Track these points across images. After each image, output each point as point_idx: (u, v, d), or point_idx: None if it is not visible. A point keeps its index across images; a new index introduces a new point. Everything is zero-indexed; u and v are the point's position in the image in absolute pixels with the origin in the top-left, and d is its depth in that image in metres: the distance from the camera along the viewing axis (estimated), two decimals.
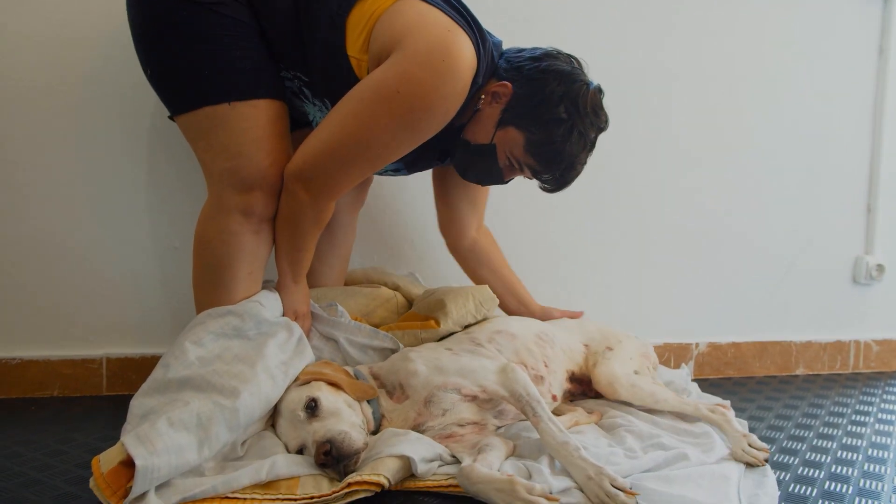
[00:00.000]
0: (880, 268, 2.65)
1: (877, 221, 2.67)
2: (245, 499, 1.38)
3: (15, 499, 1.45)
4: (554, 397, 1.86)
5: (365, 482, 1.41)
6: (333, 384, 1.60)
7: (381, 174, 1.97)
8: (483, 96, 1.74)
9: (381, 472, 1.44)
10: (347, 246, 2.19)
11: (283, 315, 1.79)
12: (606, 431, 1.78)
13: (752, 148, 2.56)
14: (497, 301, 2.03)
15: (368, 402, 1.64)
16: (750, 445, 1.66)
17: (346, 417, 1.52)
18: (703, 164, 2.52)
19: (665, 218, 2.51)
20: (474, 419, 1.66)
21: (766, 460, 1.64)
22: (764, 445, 1.69)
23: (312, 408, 1.51)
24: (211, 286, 1.74)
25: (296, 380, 1.62)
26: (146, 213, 2.17)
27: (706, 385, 2.31)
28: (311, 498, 1.39)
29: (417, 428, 1.62)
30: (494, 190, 2.15)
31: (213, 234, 1.72)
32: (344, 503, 1.40)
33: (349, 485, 1.40)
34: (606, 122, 1.78)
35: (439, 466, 1.54)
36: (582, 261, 2.46)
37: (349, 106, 1.61)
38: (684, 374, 2.24)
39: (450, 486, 1.48)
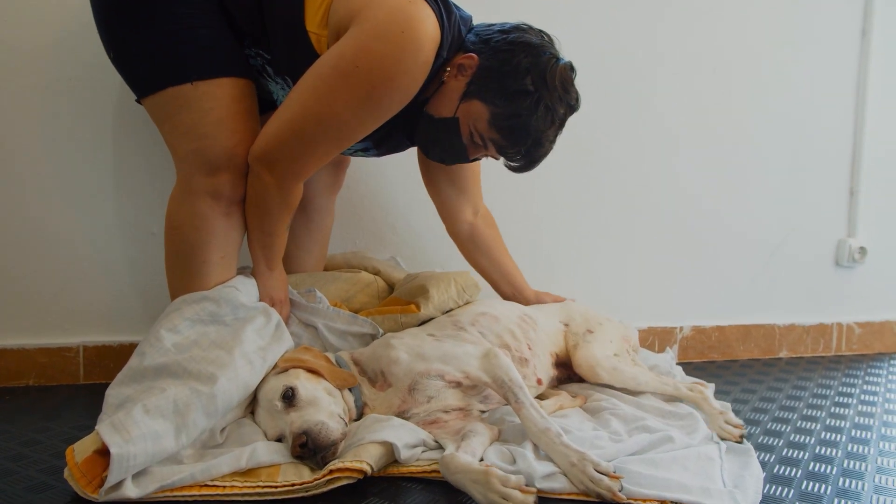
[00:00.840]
0: (863, 251, 2.66)
1: (859, 204, 2.68)
2: (224, 486, 1.35)
3: None
4: (539, 381, 1.84)
5: (347, 469, 1.39)
6: (313, 371, 1.57)
7: (350, 154, 1.92)
8: (448, 69, 1.68)
9: (364, 458, 1.41)
10: (325, 230, 2.15)
11: (260, 302, 1.76)
12: (591, 415, 1.77)
13: (737, 132, 2.55)
14: (479, 289, 2.01)
15: (350, 389, 1.61)
16: (726, 422, 1.68)
17: (324, 406, 1.49)
18: (688, 148, 2.51)
19: (650, 203, 2.50)
20: (459, 405, 1.65)
21: (742, 437, 1.64)
22: (739, 422, 1.69)
23: (290, 397, 1.48)
24: (183, 272, 1.70)
25: (274, 367, 1.59)
26: (123, 199, 2.13)
27: (690, 368, 2.31)
28: (293, 486, 1.36)
29: (402, 415, 1.60)
30: (481, 172, 2.12)
31: (183, 218, 1.67)
32: (326, 490, 1.38)
33: (330, 472, 1.38)
34: (577, 100, 1.70)
35: (423, 452, 1.52)
36: (567, 245, 2.45)
37: (308, 83, 1.56)
38: (668, 357, 2.23)
39: (433, 471, 1.46)
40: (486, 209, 2.14)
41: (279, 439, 1.49)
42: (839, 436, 1.80)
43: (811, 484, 1.51)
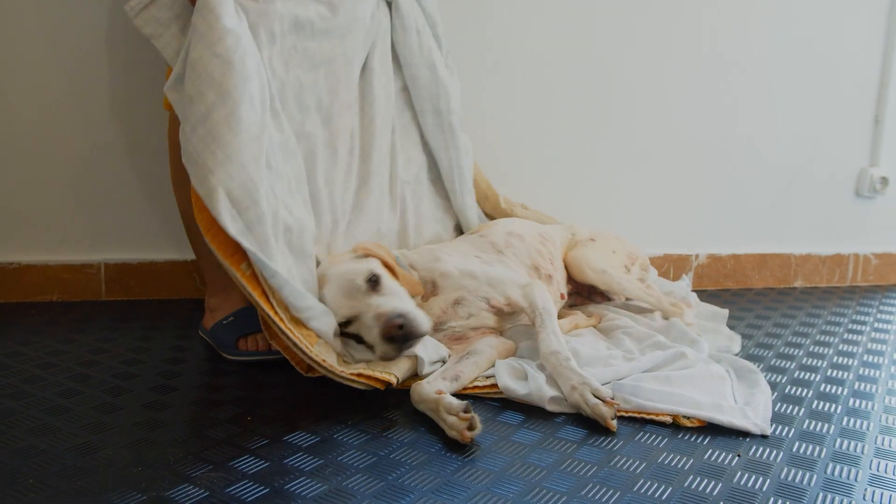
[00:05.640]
0: (884, 180, 2.62)
1: (884, 133, 2.62)
2: (278, 315, 1.41)
3: (17, 393, 1.46)
4: (562, 296, 1.89)
5: (374, 378, 1.43)
6: (388, 268, 1.58)
7: None
8: None
9: (393, 370, 1.45)
10: None
11: None
12: (605, 335, 1.79)
13: (760, 57, 2.48)
14: None
15: None
16: (672, 305, 1.88)
17: (407, 300, 1.52)
18: (708, 73, 2.45)
19: (668, 129, 2.46)
20: (493, 327, 1.70)
21: (680, 317, 1.84)
22: (683, 304, 1.93)
23: (374, 281, 1.50)
24: (185, 189, 1.72)
25: (351, 252, 1.61)
26: (146, 116, 2.12)
27: (705, 296, 2.31)
28: (323, 362, 1.41)
29: (438, 325, 1.64)
30: (496, 101, 2.10)
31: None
32: (339, 381, 1.42)
33: (360, 374, 1.43)
34: None
35: (441, 367, 1.55)
36: (583, 173, 2.43)
37: None
38: (684, 285, 2.24)
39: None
40: None
41: (347, 322, 1.50)
42: (851, 360, 1.82)
43: (822, 403, 1.53)
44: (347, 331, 1.51)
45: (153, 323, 1.96)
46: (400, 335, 1.43)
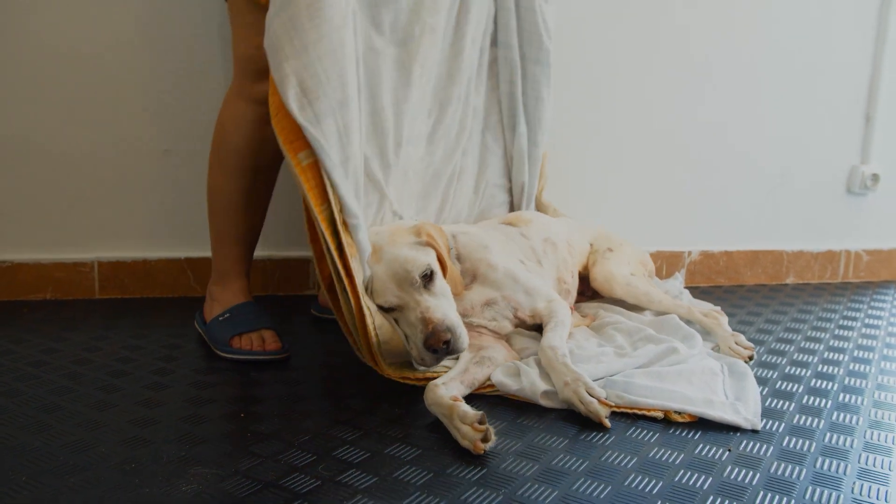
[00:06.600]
0: (875, 177, 2.64)
1: (874, 131, 2.64)
2: (321, 216, 1.42)
3: (10, 391, 1.46)
4: (572, 308, 1.89)
5: (417, 378, 1.52)
6: (441, 262, 1.55)
7: None
8: None
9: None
10: None
11: None
12: (596, 332, 1.80)
13: (752, 56, 2.49)
14: None
15: None
16: (737, 343, 1.71)
17: (453, 306, 1.51)
18: (701, 72, 2.46)
19: (661, 127, 2.47)
20: (506, 332, 1.70)
21: (751, 358, 1.67)
22: (750, 344, 1.72)
23: (428, 278, 1.48)
24: (217, 168, 1.74)
25: (414, 233, 1.56)
26: (136, 114, 2.12)
27: (697, 293, 2.32)
28: (350, 277, 1.43)
29: (461, 316, 1.60)
30: None
31: (226, 117, 1.71)
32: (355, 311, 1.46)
33: (403, 376, 1.51)
34: None
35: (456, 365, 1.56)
36: (578, 167, 2.43)
37: None
38: (677, 283, 2.25)
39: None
40: None
41: (391, 308, 1.49)
42: (842, 355, 1.83)
43: (812, 398, 1.54)
44: (387, 314, 1.51)
45: (147, 321, 1.96)
46: (443, 349, 1.42)
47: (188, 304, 2.08)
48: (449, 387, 1.42)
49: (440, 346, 1.41)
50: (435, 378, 1.45)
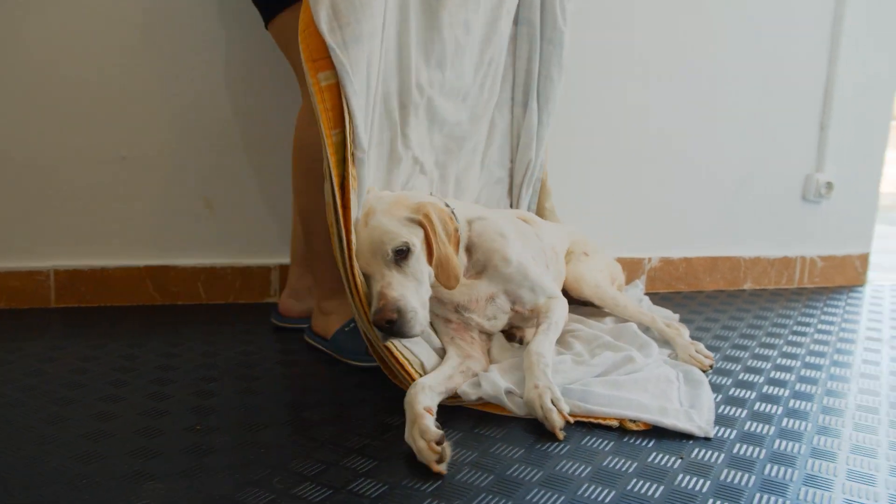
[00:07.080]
0: (829, 185, 2.70)
1: (829, 139, 2.70)
2: (329, 139, 1.45)
3: None
4: None
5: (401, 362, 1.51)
6: (429, 245, 1.50)
7: None
8: None
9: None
10: None
11: None
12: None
13: (708, 66, 2.54)
14: None
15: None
16: (697, 351, 1.75)
17: (423, 291, 1.48)
18: (658, 81, 2.50)
19: (619, 135, 2.50)
20: (503, 328, 1.72)
21: (711, 367, 1.71)
22: (709, 353, 1.76)
23: (402, 255, 1.45)
24: (308, 192, 1.72)
25: (413, 209, 1.52)
26: (92, 121, 2.09)
27: (657, 299, 2.36)
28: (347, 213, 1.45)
29: (460, 308, 1.62)
30: None
31: (313, 139, 1.60)
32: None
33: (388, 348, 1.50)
34: None
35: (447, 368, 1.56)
36: None
37: None
38: (638, 290, 2.28)
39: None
40: None
41: (366, 275, 1.49)
42: (794, 361, 1.87)
43: (764, 405, 1.58)
44: (365, 279, 1.51)
45: (104, 330, 1.94)
46: (386, 328, 1.41)
47: (146, 313, 2.06)
48: (430, 394, 1.42)
49: (383, 324, 1.40)
50: (420, 376, 1.48)
